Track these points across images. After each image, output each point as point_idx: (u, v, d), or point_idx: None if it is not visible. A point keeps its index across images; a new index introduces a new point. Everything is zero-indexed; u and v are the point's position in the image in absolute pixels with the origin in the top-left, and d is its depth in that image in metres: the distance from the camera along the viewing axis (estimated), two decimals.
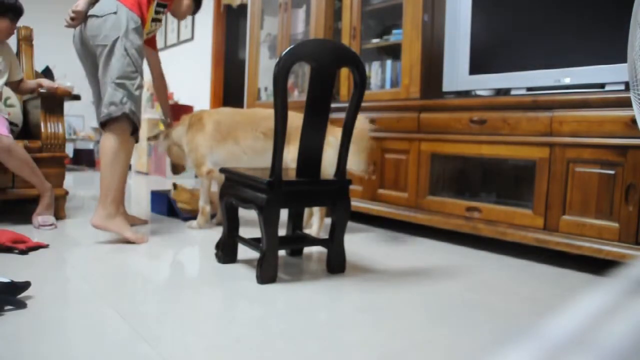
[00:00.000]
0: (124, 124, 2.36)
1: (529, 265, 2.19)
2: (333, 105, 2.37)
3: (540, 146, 2.20)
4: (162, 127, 3.12)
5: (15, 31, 2.85)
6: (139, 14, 2.44)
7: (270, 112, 2.82)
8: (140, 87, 2.42)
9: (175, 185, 3.11)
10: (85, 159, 6.94)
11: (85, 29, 2.45)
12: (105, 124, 2.35)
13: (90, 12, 2.42)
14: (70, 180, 5.13)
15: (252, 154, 2.69)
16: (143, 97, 4.92)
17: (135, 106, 2.38)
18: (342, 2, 3.28)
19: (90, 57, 2.51)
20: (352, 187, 2.81)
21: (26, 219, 2.70)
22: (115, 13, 2.38)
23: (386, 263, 2.16)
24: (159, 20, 2.70)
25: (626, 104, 1.91)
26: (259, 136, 2.67)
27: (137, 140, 2.58)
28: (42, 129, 2.86)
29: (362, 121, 2.66)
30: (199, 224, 2.76)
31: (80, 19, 2.44)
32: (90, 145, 7.26)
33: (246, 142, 2.68)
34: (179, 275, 1.92)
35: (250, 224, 2.84)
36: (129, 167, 3.83)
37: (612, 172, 1.97)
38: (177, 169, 3.09)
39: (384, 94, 3.04)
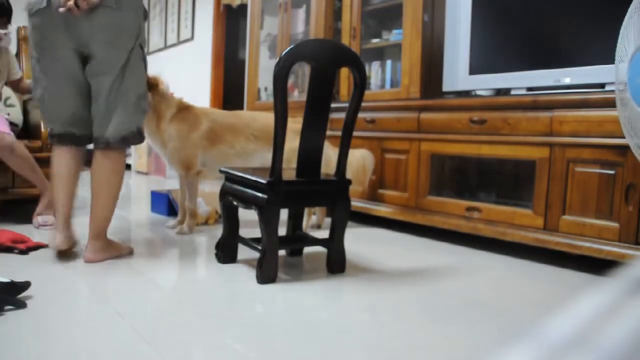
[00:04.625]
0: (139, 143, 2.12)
1: (529, 265, 2.19)
2: (333, 105, 2.37)
3: (540, 146, 2.20)
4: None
5: (6, 29, 2.80)
6: None
7: (256, 114, 2.84)
8: None
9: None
10: (85, 159, 6.93)
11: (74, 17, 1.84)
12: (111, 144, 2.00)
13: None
14: None
15: (244, 156, 2.69)
16: None
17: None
18: (342, 2, 3.28)
19: (69, 50, 1.92)
20: (352, 187, 2.81)
21: (26, 219, 2.70)
22: (135, 9, 1.93)
23: (386, 263, 2.16)
24: None
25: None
26: (250, 138, 2.68)
27: None
28: (42, 129, 2.86)
29: (368, 158, 2.82)
30: (189, 227, 2.63)
31: (90, 4, 1.81)
32: (90, 145, 7.25)
33: (240, 143, 2.66)
34: (179, 275, 1.92)
35: (250, 224, 2.84)
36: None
37: (612, 172, 1.97)
38: None
39: (384, 94, 3.04)
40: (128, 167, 6.78)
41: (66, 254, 2.07)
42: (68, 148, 2.12)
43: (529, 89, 2.33)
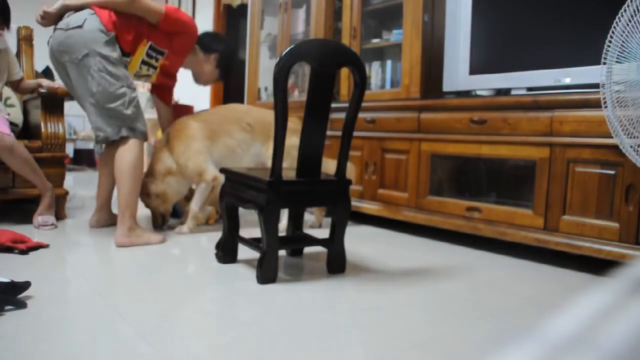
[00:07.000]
0: (135, 138, 2.35)
1: (529, 265, 2.19)
2: (333, 105, 2.37)
3: (540, 146, 2.20)
4: None
5: (6, 30, 2.79)
6: (112, 30, 2.30)
7: (247, 107, 2.86)
8: (132, 101, 2.32)
9: None
10: (86, 159, 6.94)
11: (52, 41, 2.37)
12: (115, 140, 2.33)
13: (59, 24, 2.33)
14: (71, 180, 5.14)
15: (245, 147, 2.68)
16: (143, 98, 4.92)
17: (133, 122, 2.33)
18: (342, 2, 3.28)
19: (64, 70, 2.41)
20: (352, 187, 2.81)
21: (26, 219, 2.70)
22: (80, 27, 2.27)
23: (386, 263, 2.16)
24: (153, 67, 2.53)
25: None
26: (246, 127, 2.68)
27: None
28: (42, 129, 2.86)
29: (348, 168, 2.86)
30: (190, 227, 2.64)
31: (48, 20, 2.37)
32: (91, 145, 7.25)
33: (239, 134, 2.66)
34: (179, 275, 1.92)
35: (250, 224, 2.84)
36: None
37: (612, 172, 1.97)
38: (160, 219, 2.74)
39: (384, 94, 3.04)
40: None
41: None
42: (108, 147, 2.55)
43: (529, 89, 2.32)
